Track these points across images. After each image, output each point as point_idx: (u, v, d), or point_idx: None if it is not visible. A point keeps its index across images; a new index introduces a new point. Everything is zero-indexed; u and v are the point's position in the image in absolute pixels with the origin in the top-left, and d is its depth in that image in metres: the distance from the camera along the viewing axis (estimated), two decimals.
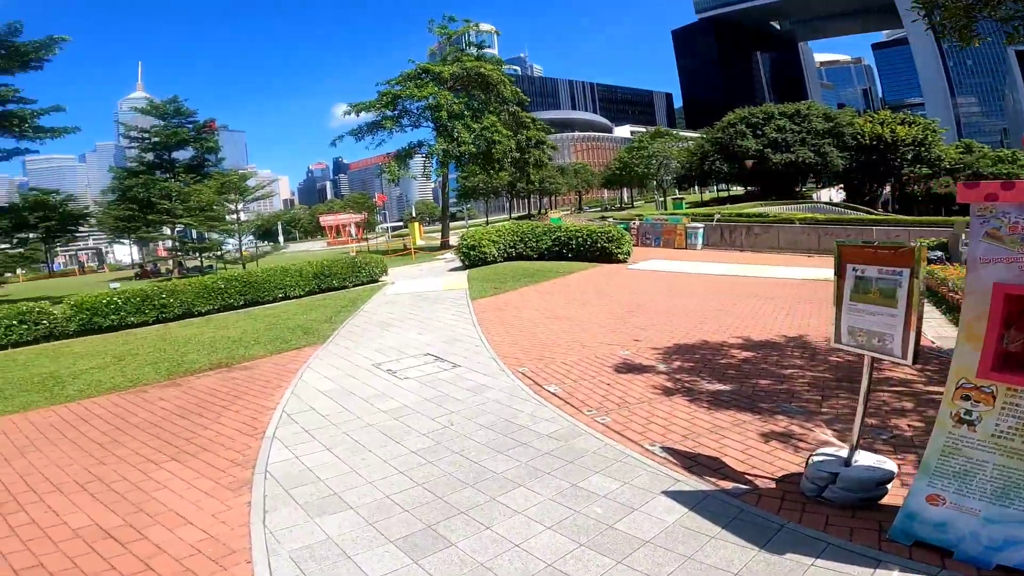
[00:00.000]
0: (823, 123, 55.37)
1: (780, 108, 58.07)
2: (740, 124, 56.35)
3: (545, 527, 3.46)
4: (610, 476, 4.09)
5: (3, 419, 5.96)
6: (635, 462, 4.31)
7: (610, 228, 19.75)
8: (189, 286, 12.02)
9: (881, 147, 53.41)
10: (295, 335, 9.45)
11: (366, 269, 15.70)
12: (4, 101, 17.83)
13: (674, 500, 3.70)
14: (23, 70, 18.00)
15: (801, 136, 54.28)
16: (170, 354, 8.58)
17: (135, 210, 31.20)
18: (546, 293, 13.13)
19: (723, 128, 58.40)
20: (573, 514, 3.60)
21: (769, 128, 54.98)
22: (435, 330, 9.43)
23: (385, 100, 25.07)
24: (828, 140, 54.15)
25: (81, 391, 6.86)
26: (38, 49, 17.71)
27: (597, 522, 3.49)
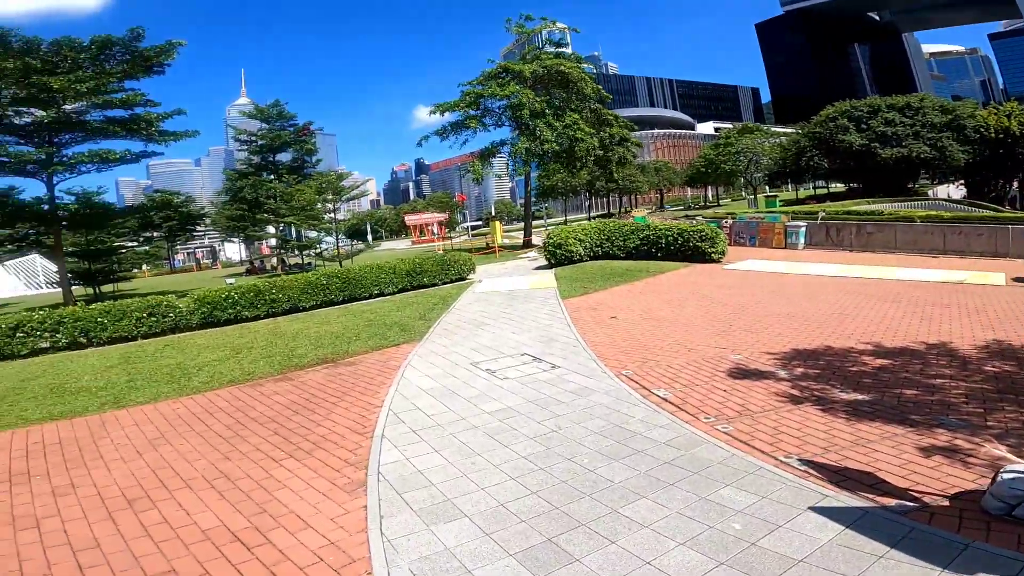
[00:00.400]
0: (939, 116, 50.06)
1: (888, 101, 53.05)
2: (841, 118, 52.12)
3: (677, 543, 3.24)
4: (743, 489, 3.81)
5: (135, 410, 6.43)
6: (770, 475, 4.00)
7: (703, 226, 18.76)
8: (295, 282, 12.69)
9: (1008, 141, 47.53)
10: (393, 332, 9.66)
11: (455, 267, 15.91)
12: (133, 105, 19.50)
13: (825, 517, 3.39)
14: (147, 75, 19.46)
15: (914, 129, 49.35)
16: (281, 348, 9.03)
17: (245, 210, 33.91)
18: (639, 293, 12.66)
19: (821, 123, 54.34)
20: (707, 529, 3.36)
21: (876, 121, 50.50)
22: (529, 329, 9.28)
23: (468, 100, 25.38)
24: (946, 133, 48.81)
25: (205, 383, 7.33)
26: (159, 54, 19.04)
27: (737, 539, 3.24)
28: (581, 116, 25.46)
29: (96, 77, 17.86)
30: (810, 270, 15.96)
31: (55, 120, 17.98)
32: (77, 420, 6.11)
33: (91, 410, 6.44)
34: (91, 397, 6.92)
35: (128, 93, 18.92)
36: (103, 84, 18.03)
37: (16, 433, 5.78)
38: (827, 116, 54.12)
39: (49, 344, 10.12)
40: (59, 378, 8.03)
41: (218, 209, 38.21)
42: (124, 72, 18.76)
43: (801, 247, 23.58)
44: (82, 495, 4.21)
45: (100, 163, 18.91)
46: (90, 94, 17.61)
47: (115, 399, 6.80)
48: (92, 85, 17.45)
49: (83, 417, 6.21)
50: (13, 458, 5.06)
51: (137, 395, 6.94)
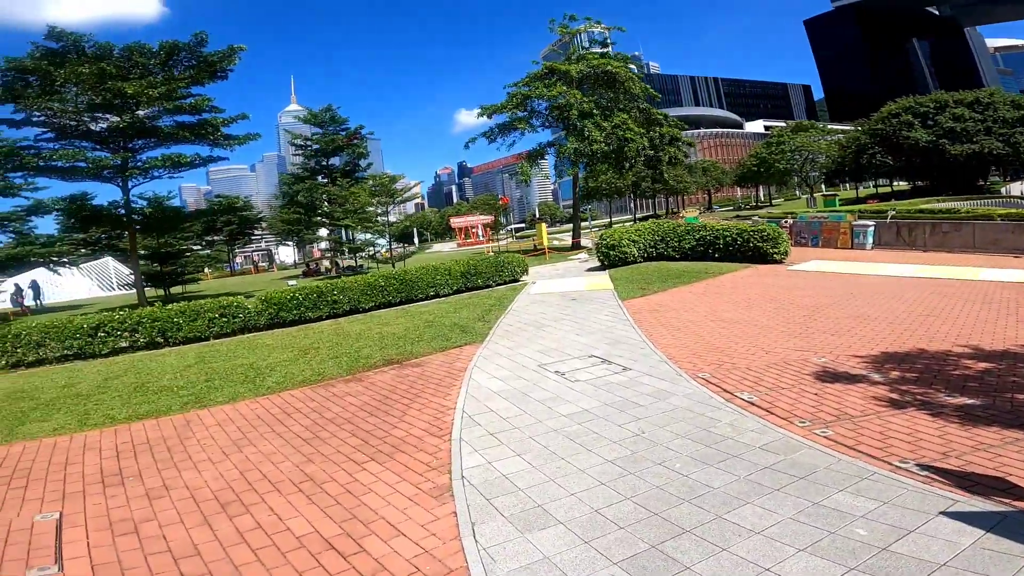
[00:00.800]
0: (1012, 111, 46.96)
1: (956, 96, 50.08)
2: (905, 114, 49.45)
3: (797, 549, 3.08)
4: (860, 495, 3.62)
5: (216, 410, 6.58)
6: (887, 480, 3.79)
7: (764, 226, 18.06)
8: (355, 284, 12.91)
9: None
10: (454, 333, 9.65)
11: (508, 269, 15.86)
12: (200, 110, 20.24)
13: (961, 521, 3.21)
14: (211, 80, 20.04)
15: (985, 125, 46.43)
16: (346, 349, 9.16)
17: (301, 213, 35.01)
18: (700, 294, 12.25)
19: (883, 119, 51.70)
20: (828, 535, 3.19)
21: (943, 117, 47.78)
22: (593, 331, 9.09)
23: (515, 101, 25.24)
24: (1020, 128, 45.66)
25: (279, 383, 7.48)
26: (222, 59, 19.60)
27: (865, 544, 3.07)
28: (630, 116, 24.97)
29: (166, 83, 18.64)
30: (884, 271, 15.06)
31: (130, 125, 18.80)
32: (162, 420, 6.31)
33: (174, 410, 6.65)
34: (173, 396, 7.16)
35: (196, 98, 19.66)
36: (173, 89, 18.79)
37: (104, 432, 5.96)
38: (889, 112, 51.60)
39: (128, 344, 10.59)
40: (141, 377, 8.37)
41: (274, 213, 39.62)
42: (191, 78, 19.50)
43: (869, 247, 22.40)
44: (176, 497, 4.26)
45: (172, 167, 19.72)
46: (162, 99, 18.38)
47: (196, 399, 7.01)
48: (163, 90, 18.21)
49: (168, 417, 6.41)
50: (104, 458, 5.20)
51: (216, 395, 7.13)
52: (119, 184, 19.99)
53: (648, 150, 25.02)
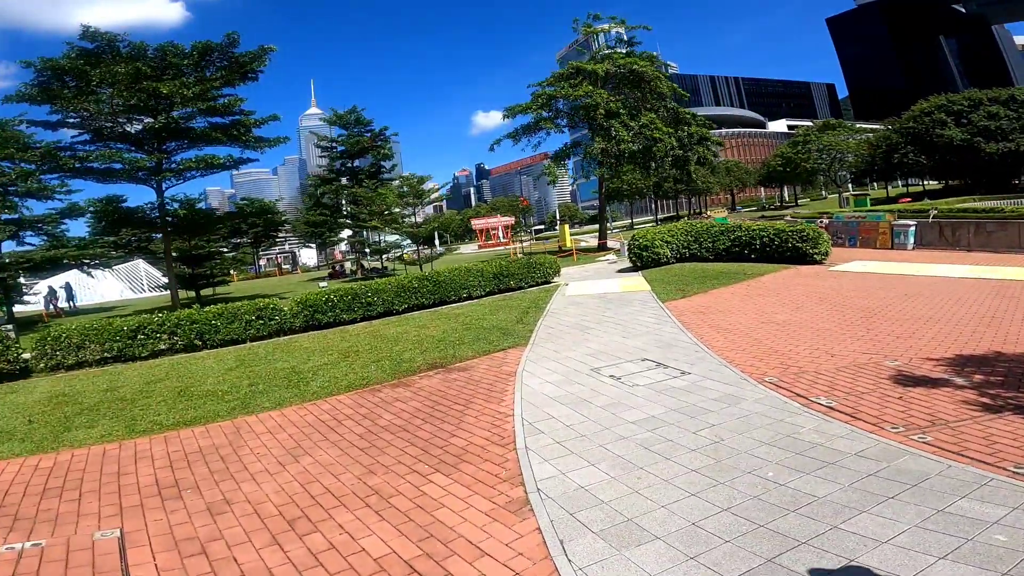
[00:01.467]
0: None
1: (990, 93, 48.53)
2: (938, 112, 48.03)
3: (936, 557, 2.86)
4: (986, 501, 3.36)
5: (264, 416, 6.41)
6: (1009, 486, 3.53)
7: (803, 225, 17.51)
8: (388, 286, 12.78)
9: None
10: (495, 336, 9.43)
11: (540, 270, 15.60)
12: (232, 111, 20.22)
13: None
14: (243, 81, 19.96)
15: (1021, 123, 44.93)
16: (387, 352, 8.99)
17: (327, 215, 35.09)
18: (744, 296, 11.84)
19: (915, 117, 50.29)
20: (967, 542, 2.95)
21: (977, 115, 46.31)
22: (640, 334, 8.78)
23: (540, 101, 24.93)
24: None
25: (324, 388, 7.32)
26: (253, 59, 19.55)
27: (1012, 550, 2.85)
28: (657, 115, 24.52)
29: (199, 83, 18.72)
30: (932, 271, 14.46)
31: (164, 126, 18.88)
32: (211, 427, 6.16)
33: (222, 415, 6.52)
34: (219, 402, 7.04)
35: (228, 98, 19.73)
36: (207, 90, 18.85)
37: (154, 440, 5.80)
38: (921, 111, 50.23)
39: (167, 346, 10.56)
40: (183, 380, 8.28)
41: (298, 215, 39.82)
42: (223, 78, 19.56)
43: (910, 247, 21.66)
44: (239, 513, 4.06)
45: (206, 169, 19.79)
46: (196, 99, 18.46)
47: (243, 404, 6.88)
48: (197, 91, 18.28)
49: (216, 423, 6.27)
50: (158, 468, 5.03)
51: (262, 400, 6.99)
52: (153, 186, 20.13)
53: (677, 150, 24.46)
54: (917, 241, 21.96)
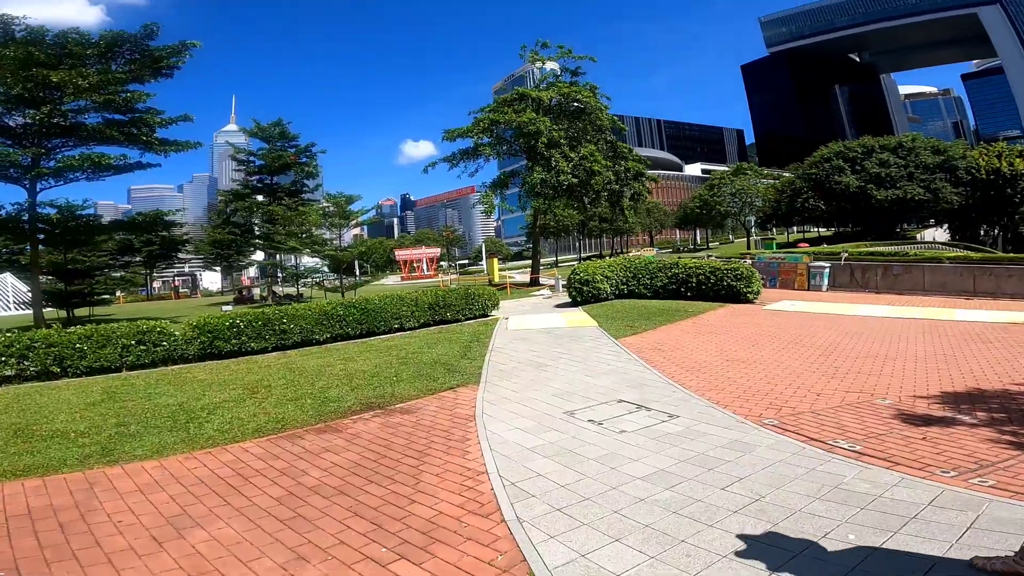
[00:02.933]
0: (932, 156, 50.05)
1: (881, 141, 53.28)
2: (836, 159, 52.06)
3: None
4: None
5: (135, 467, 4.76)
6: None
7: (738, 264, 17.79)
8: (309, 311, 11.10)
9: (999, 182, 47.44)
10: (439, 372, 8.14)
11: (479, 302, 14.47)
12: (133, 107, 17.65)
13: None
14: (154, 77, 17.66)
15: (908, 171, 49.36)
16: (307, 388, 7.42)
17: (235, 235, 31.87)
18: (694, 333, 11.39)
19: (816, 163, 54.27)
20: None
21: (870, 163, 50.31)
22: (605, 372, 7.85)
23: (482, 125, 24.35)
24: (939, 175, 48.78)
25: (223, 432, 5.69)
26: (171, 54, 17.40)
27: None
28: (597, 148, 24.65)
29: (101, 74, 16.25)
30: (859, 311, 14.92)
31: (47, 119, 16.11)
32: (53, 479, 4.43)
33: (70, 464, 4.77)
34: (69, 445, 5.24)
35: (131, 93, 17.22)
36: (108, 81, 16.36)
37: None
38: (822, 157, 54.08)
39: (14, 372, 8.34)
40: (25, 416, 6.33)
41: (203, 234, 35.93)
42: (130, 73, 17.16)
43: (824, 288, 22.78)
44: None
45: (92, 169, 16.87)
46: (92, 90, 15.89)
47: (103, 449, 5.13)
48: (95, 81, 15.79)
49: (61, 474, 4.54)
50: None
51: (133, 445, 5.26)
52: (25, 185, 17.02)
53: (614, 184, 24.65)
54: (830, 283, 23.20)
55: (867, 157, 50.78)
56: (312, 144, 32.03)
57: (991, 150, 49.75)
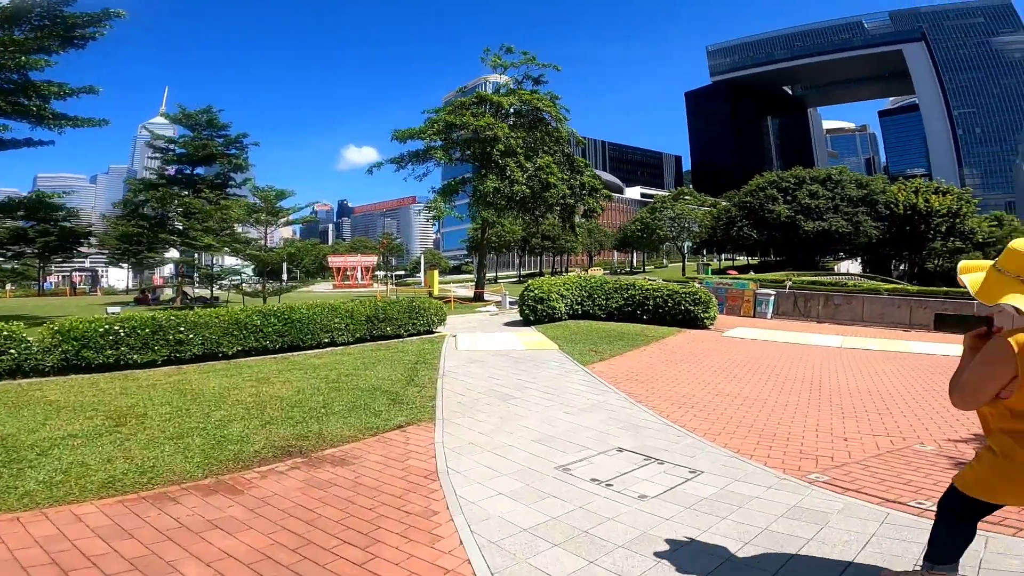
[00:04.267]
0: (856, 190, 52.79)
1: (811, 172, 55.95)
2: (770, 188, 54.11)
3: None
4: None
5: None
6: None
7: (696, 289, 17.17)
8: (216, 318, 9.06)
9: (915, 217, 50.16)
10: (380, 403, 6.46)
11: (423, 316, 12.79)
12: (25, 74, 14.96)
13: None
14: (63, 48, 15.06)
15: (834, 203, 51.79)
16: (199, 420, 5.56)
17: (144, 228, 28.12)
18: (664, 361, 10.35)
19: (752, 192, 56.18)
20: None
21: (801, 193, 52.40)
22: (585, 409, 6.48)
23: (436, 127, 22.76)
24: (861, 208, 51.47)
25: (51, 485, 3.83)
26: (88, 23, 14.92)
27: None
28: (553, 159, 23.67)
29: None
30: (817, 340, 14.50)
31: None
32: None
33: None
34: None
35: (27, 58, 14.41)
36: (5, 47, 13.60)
37: None
38: (757, 186, 55.94)
39: None
40: None
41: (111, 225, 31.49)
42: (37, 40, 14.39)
43: (769, 316, 22.82)
44: None
45: None
46: None
47: None
48: None
49: None
50: None
51: None
52: None
53: (569, 198, 23.72)
54: (775, 310, 23.32)
55: (798, 188, 52.92)
56: (243, 135, 29.03)
57: (908, 186, 52.45)
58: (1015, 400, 1.98)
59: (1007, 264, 2.07)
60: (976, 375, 2.06)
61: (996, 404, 2.07)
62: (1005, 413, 2.06)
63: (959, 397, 2.14)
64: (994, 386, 2.01)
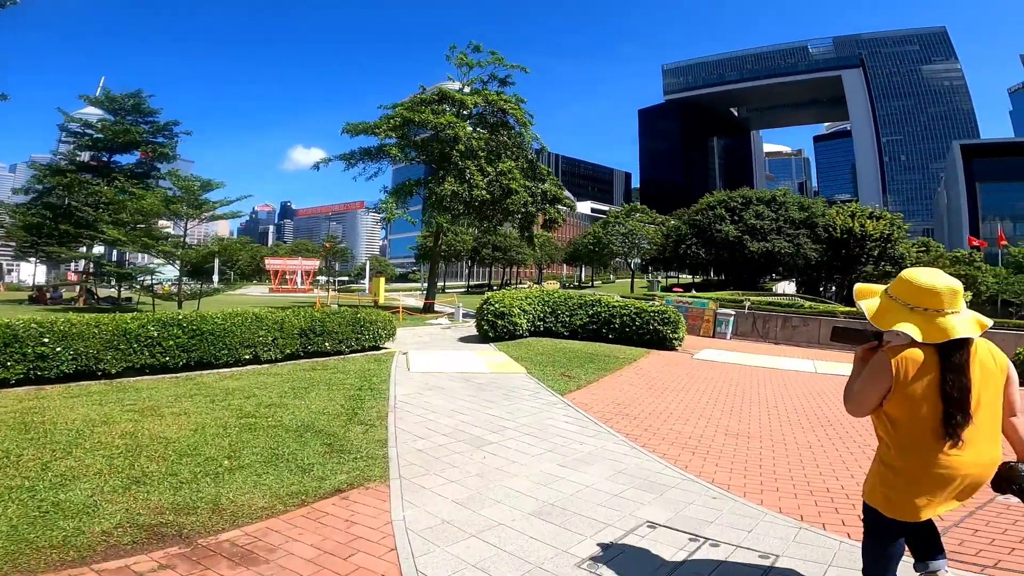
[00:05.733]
0: (798, 212, 54.05)
1: (757, 194, 56.88)
2: (719, 207, 54.78)
3: None
4: None
5: None
6: None
7: (663, 306, 16.22)
8: (96, 328, 7.02)
9: (851, 241, 51.20)
10: (311, 450, 4.78)
11: (369, 330, 10.99)
12: None
13: None
14: None
15: (777, 224, 52.73)
16: (29, 473, 3.73)
17: (47, 218, 24.47)
18: (647, 389, 9.13)
19: (701, 210, 56.76)
20: None
21: (748, 213, 53.04)
22: (584, 459, 5.04)
23: (393, 123, 20.91)
24: (803, 231, 52.62)
25: None
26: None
27: None
28: (516, 165, 22.32)
29: None
30: (790, 365, 13.78)
31: None
32: None
33: None
34: None
35: None
36: None
37: None
38: (707, 204, 56.28)
39: None
40: None
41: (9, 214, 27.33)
42: None
43: (728, 336, 22.41)
44: None
45: None
46: None
47: None
48: None
49: None
50: None
51: None
52: None
53: (531, 206, 22.40)
54: (734, 330, 22.91)
55: (745, 208, 53.68)
56: (174, 122, 26.06)
57: (845, 209, 53.98)
58: (889, 406, 2.22)
59: (899, 292, 2.28)
60: (862, 385, 2.28)
61: (879, 413, 2.28)
62: (884, 421, 2.26)
63: (850, 405, 2.34)
64: (876, 396, 2.24)
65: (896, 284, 2.27)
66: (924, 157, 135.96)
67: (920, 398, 2.13)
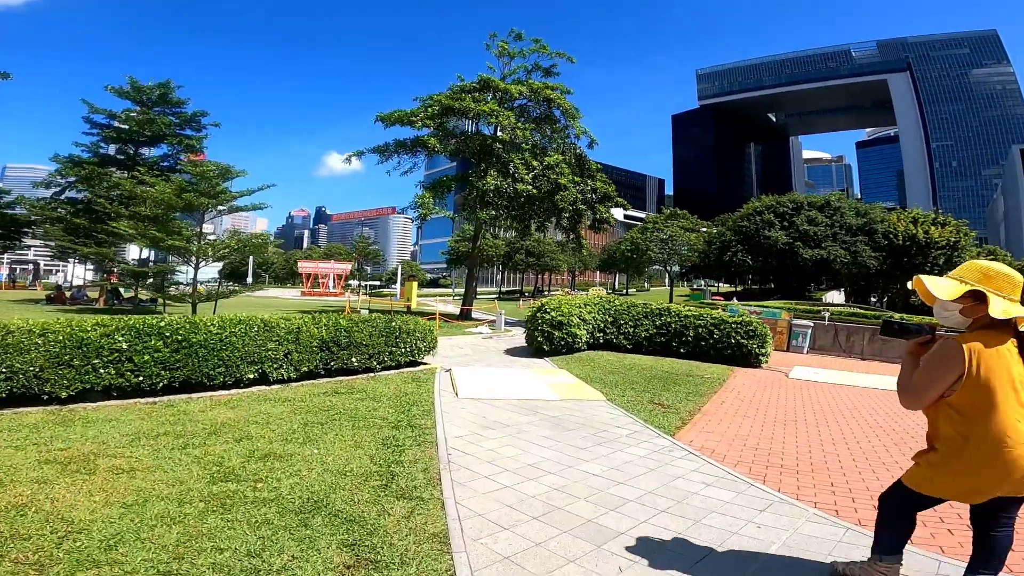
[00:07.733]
0: (856, 218, 50.41)
1: (810, 199, 53.40)
2: (767, 213, 51.47)
3: None
4: None
5: None
6: None
7: (749, 317, 13.83)
8: (42, 336, 5.18)
9: (913, 249, 47.53)
10: (317, 561, 2.70)
11: (406, 342, 8.95)
12: None
13: None
14: None
15: (833, 231, 49.24)
16: None
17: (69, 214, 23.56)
18: (770, 421, 6.94)
19: (747, 216, 53.56)
20: None
21: (800, 219, 49.84)
22: (787, 564, 2.84)
23: (432, 111, 19.20)
24: (860, 237, 48.96)
25: None
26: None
27: None
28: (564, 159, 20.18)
29: None
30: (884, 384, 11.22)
31: None
32: None
33: None
34: None
35: None
36: None
37: None
38: (753, 209, 53.32)
39: None
40: None
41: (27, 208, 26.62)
42: None
43: (805, 351, 19.74)
44: None
45: None
46: None
47: None
48: None
49: None
50: None
51: None
52: None
53: (580, 204, 20.23)
54: (811, 344, 20.27)
55: (796, 213, 50.41)
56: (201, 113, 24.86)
57: (907, 215, 50.37)
58: (956, 398, 2.21)
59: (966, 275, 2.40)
60: (927, 376, 2.29)
61: (940, 405, 2.29)
62: (951, 415, 2.26)
63: (909, 397, 2.38)
64: (943, 385, 2.24)
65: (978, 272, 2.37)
66: (976, 163, 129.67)
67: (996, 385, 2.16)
